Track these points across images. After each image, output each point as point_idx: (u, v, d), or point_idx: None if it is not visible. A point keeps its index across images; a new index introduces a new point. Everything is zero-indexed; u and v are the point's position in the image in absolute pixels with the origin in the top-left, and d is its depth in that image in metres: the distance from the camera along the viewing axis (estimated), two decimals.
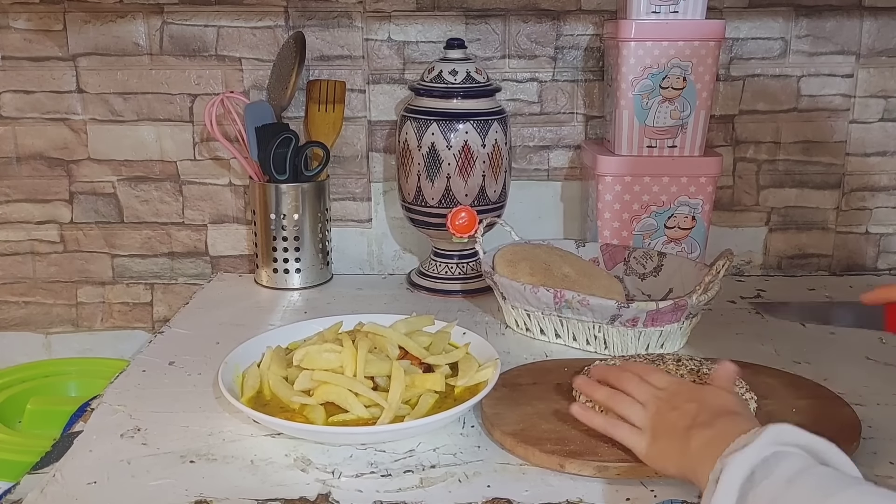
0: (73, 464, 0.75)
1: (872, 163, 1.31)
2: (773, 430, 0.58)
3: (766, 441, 0.57)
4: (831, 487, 0.52)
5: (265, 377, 0.86)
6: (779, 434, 0.58)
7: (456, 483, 0.72)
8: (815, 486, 0.53)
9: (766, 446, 0.57)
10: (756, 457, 0.56)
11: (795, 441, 0.58)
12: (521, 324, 1.06)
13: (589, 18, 1.26)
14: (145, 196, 1.32)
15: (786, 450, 0.57)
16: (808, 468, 0.55)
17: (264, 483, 0.72)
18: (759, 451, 0.57)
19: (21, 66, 1.27)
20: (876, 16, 1.25)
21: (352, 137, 1.30)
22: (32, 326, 1.37)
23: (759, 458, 0.56)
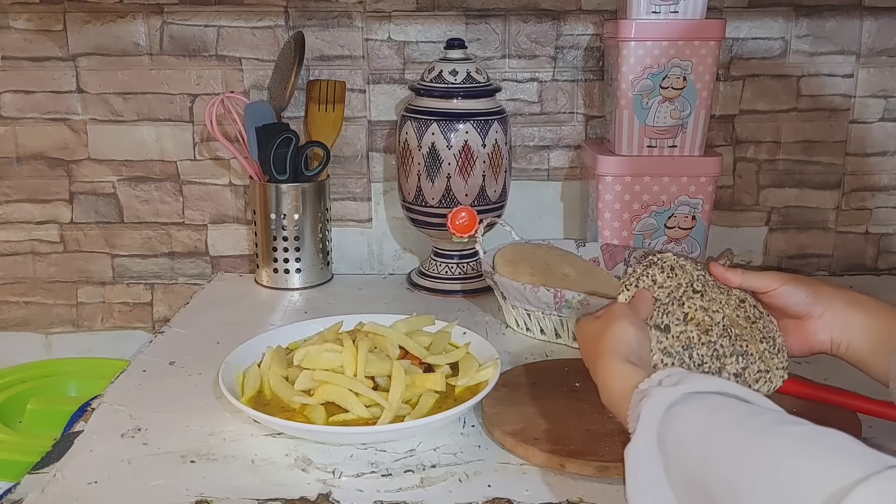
0: (73, 464, 0.75)
1: (872, 163, 1.31)
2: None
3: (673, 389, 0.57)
4: (754, 427, 0.51)
5: (266, 377, 0.86)
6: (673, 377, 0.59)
7: (456, 483, 0.73)
8: (739, 415, 0.53)
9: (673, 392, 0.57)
10: (669, 398, 0.56)
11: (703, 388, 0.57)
12: (521, 324, 1.06)
13: (589, 18, 1.26)
14: (145, 196, 1.32)
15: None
16: (727, 403, 0.55)
17: (265, 483, 0.72)
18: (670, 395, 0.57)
19: (21, 66, 1.27)
20: (876, 15, 1.25)
21: (352, 137, 1.30)
22: (33, 326, 1.37)
23: (672, 400, 0.56)
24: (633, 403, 0.59)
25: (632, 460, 0.55)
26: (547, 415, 0.81)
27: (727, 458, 0.49)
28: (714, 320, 0.73)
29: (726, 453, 0.50)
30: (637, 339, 0.68)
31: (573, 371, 0.91)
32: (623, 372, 0.63)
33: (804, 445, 0.47)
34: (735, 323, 0.73)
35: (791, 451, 0.46)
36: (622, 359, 0.65)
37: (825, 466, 0.44)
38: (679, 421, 0.54)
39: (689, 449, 0.52)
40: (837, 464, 0.43)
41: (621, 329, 0.68)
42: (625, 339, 0.67)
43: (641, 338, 0.68)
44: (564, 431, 0.78)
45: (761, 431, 0.49)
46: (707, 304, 0.73)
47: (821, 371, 0.92)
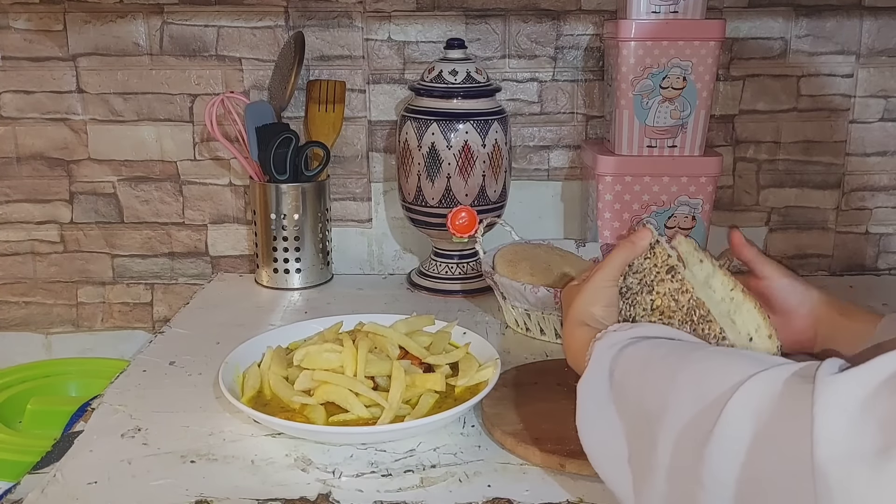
0: (73, 464, 0.75)
1: (872, 163, 1.31)
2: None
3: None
4: (684, 353, 0.59)
5: (266, 377, 0.86)
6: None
7: (456, 483, 0.73)
8: (679, 347, 0.61)
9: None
10: (622, 339, 0.64)
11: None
12: (521, 324, 1.06)
13: (589, 18, 1.26)
14: (145, 196, 1.32)
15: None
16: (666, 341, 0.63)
17: (265, 483, 0.72)
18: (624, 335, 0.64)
19: (21, 66, 1.27)
20: (876, 15, 1.25)
21: (352, 137, 1.30)
22: (33, 326, 1.37)
23: (626, 339, 0.64)
24: (589, 349, 0.66)
25: (583, 392, 0.63)
26: (547, 415, 0.81)
27: (660, 378, 0.57)
28: (679, 304, 0.71)
29: (659, 374, 0.58)
30: (602, 311, 0.71)
31: (573, 371, 0.91)
32: (579, 333, 0.69)
33: (717, 358, 0.56)
34: (700, 305, 0.71)
35: (707, 363, 0.56)
36: (581, 324, 0.70)
37: (730, 368, 0.53)
38: (626, 357, 0.62)
39: (632, 377, 0.60)
40: (741, 366, 0.53)
41: (588, 301, 0.72)
42: (588, 310, 0.71)
43: (608, 312, 0.72)
44: (564, 431, 0.77)
45: (688, 353, 0.58)
46: (679, 284, 0.72)
47: None
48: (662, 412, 0.55)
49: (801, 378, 0.49)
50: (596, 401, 0.62)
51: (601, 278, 0.72)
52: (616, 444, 0.60)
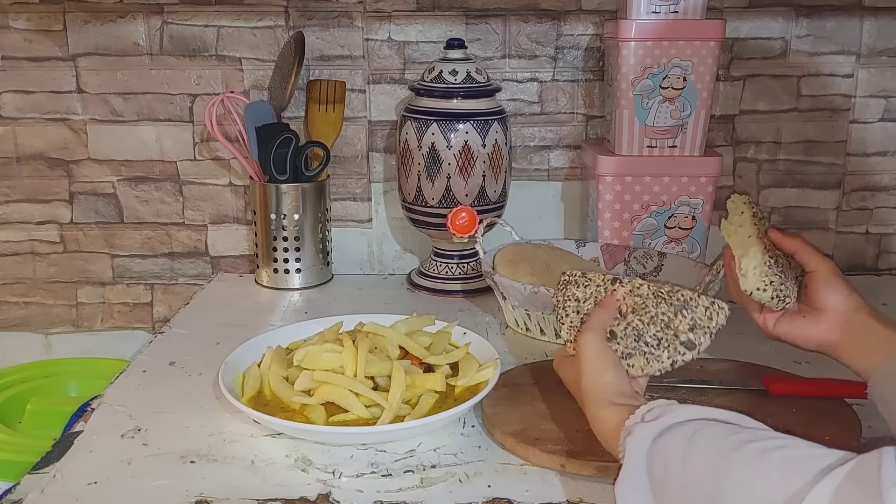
0: (73, 464, 0.75)
1: (873, 163, 1.31)
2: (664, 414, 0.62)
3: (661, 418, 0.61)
4: (730, 439, 0.55)
5: (266, 377, 0.86)
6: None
7: (456, 483, 0.72)
8: (715, 435, 0.57)
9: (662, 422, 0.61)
10: (656, 428, 0.60)
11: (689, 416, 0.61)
12: (521, 324, 1.06)
13: (589, 18, 1.26)
14: (145, 196, 1.32)
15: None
16: (706, 426, 0.59)
17: (265, 483, 0.72)
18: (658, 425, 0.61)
19: (21, 66, 1.27)
20: (876, 15, 1.25)
21: (352, 137, 1.30)
22: (33, 327, 1.37)
23: (660, 429, 0.60)
24: (621, 440, 0.62)
25: (621, 493, 0.60)
26: (547, 415, 0.81)
27: (704, 476, 0.54)
28: (644, 295, 0.74)
29: (703, 472, 0.55)
30: (613, 377, 0.70)
31: None
32: (607, 415, 0.67)
33: (761, 464, 0.52)
34: (660, 287, 0.74)
35: (750, 472, 0.52)
36: (605, 404, 0.68)
37: (779, 481, 0.50)
38: (663, 450, 0.59)
39: (673, 472, 0.57)
40: (788, 477, 0.50)
41: (595, 375, 0.71)
42: (602, 383, 0.70)
43: (617, 374, 0.71)
44: (564, 432, 0.78)
45: (731, 450, 0.54)
46: (629, 286, 0.75)
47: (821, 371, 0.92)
48: None
49: (856, 484, 0.46)
50: (636, 500, 0.60)
51: (593, 348, 0.72)
52: None
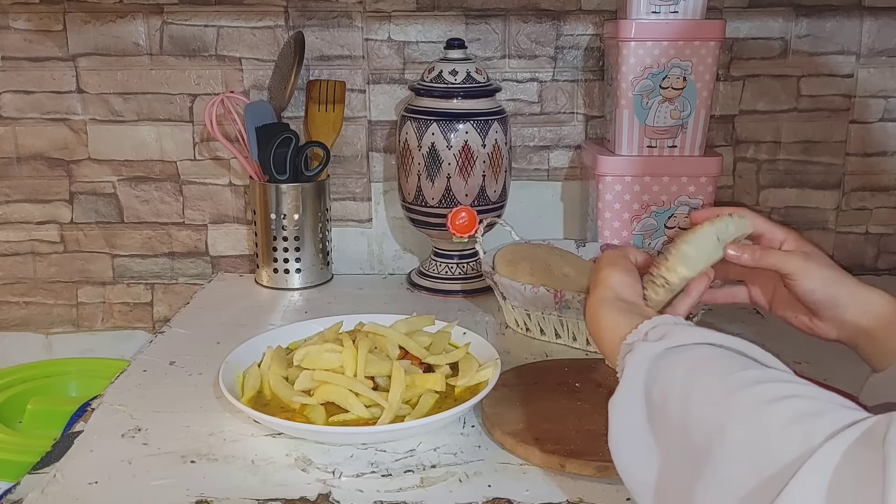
0: (73, 464, 0.75)
1: (873, 163, 1.31)
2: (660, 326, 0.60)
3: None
4: (737, 375, 0.52)
5: (266, 377, 0.86)
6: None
7: (456, 483, 0.73)
8: (721, 369, 0.54)
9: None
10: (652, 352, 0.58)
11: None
12: (521, 324, 1.06)
13: (589, 18, 1.26)
14: (145, 196, 1.32)
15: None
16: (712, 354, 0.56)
17: (265, 483, 0.72)
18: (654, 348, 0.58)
19: (21, 66, 1.27)
20: (876, 16, 1.25)
21: (352, 137, 1.30)
22: (33, 327, 1.37)
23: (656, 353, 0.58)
24: (620, 356, 0.61)
25: (615, 411, 0.58)
26: (547, 415, 0.81)
27: (704, 416, 0.51)
28: None
29: (704, 411, 0.52)
30: (620, 281, 0.69)
31: (573, 371, 0.91)
32: (609, 322, 0.65)
33: (769, 409, 0.49)
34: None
35: (756, 415, 0.49)
36: (609, 307, 0.66)
37: (788, 435, 0.46)
38: (664, 375, 0.56)
39: (672, 403, 0.54)
40: (798, 430, 0.46)
41: (605, 276, 0.70)
42: (609, 286, 0.68)
43: (628, 278, 0.69)
44: (564, 431, 0.78)
45: (737, 389, 0.51)
46: None
47: (821, 371, 0.92)
48: (705, 460, 0.50)
49: (865, 447, 0.43)
50: (628, 422, 0.58)
51: (609, 256, 0.72)
52: (648, 471, 0.57)
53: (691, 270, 0.71)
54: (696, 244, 0.71)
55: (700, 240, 0.72)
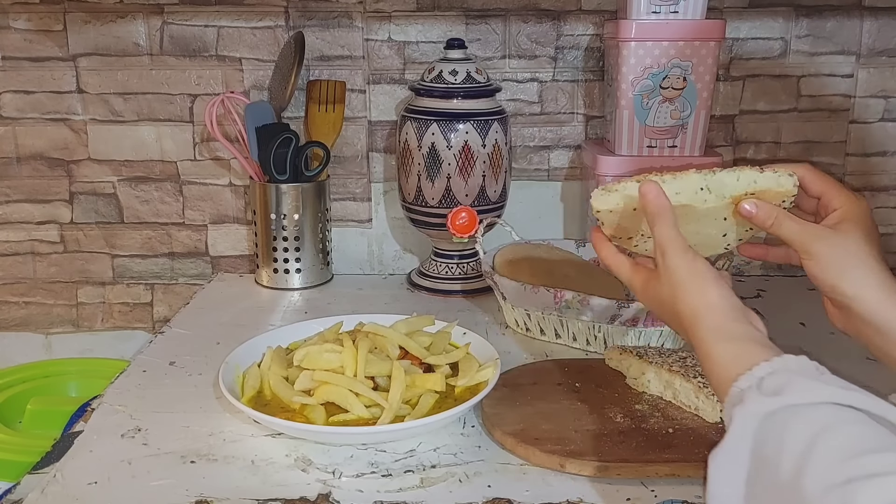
0: (73, 464, 0.75)
1: (873, 163, 1.31)
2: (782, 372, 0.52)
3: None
4: (863, 458, 0.44)
5: (266, 377, 0.86)
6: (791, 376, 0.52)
7: (456, 483, 0.72)
8: (848, 441, 0.45)
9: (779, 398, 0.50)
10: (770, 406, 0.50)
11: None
12: (521, 324, 1.06)
13: (589, 18, 1.26)
14: (145, 196, 1.32)
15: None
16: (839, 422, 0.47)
17: (265, 483, 0.72)
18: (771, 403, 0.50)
19: (21, 66, 1.27)
20: (876, 16, 1.25)
21: (352, 137, 1.30)
22: (33, 327, 1.37)
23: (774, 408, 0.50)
24: (729, 402, 0.54)
25: (716, 465, 0.51)
26: (547, 415, 0.81)
27: (819, 492, 0.44)
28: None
29: (819, 486, 0.44)
30: (719, 296, 0.61)
31: (573, 371, 0.91)
32: (718, 355, 0.57)
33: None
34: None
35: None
36: (716, 336, 0.58)
37: None
38: (776, 438, 0.49)
39: (785, 465, 0.47)
40: None
41: (697, 294, 0.61)
42: (707, 306, 0.60)
43: (723, 292, 0.61)
44: (564, 432, 0.78)
45: (858, 478, 0.43)
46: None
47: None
48: None
49: None
50: (729, 479, 0.51)
51: (685, 264, 0.63)
52: None
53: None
54: (669, 186, 0.66)
55: (674, 184, 0.67)
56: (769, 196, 0.68)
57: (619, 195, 0.68)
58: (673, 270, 0.64)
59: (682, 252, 0.64)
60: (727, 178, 0.67)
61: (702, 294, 0.62)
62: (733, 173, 0.67)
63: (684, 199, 0.67)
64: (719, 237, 0.72)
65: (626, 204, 0.69)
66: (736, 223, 0.71)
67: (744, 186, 0.68)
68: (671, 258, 0.64)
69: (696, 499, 0.70)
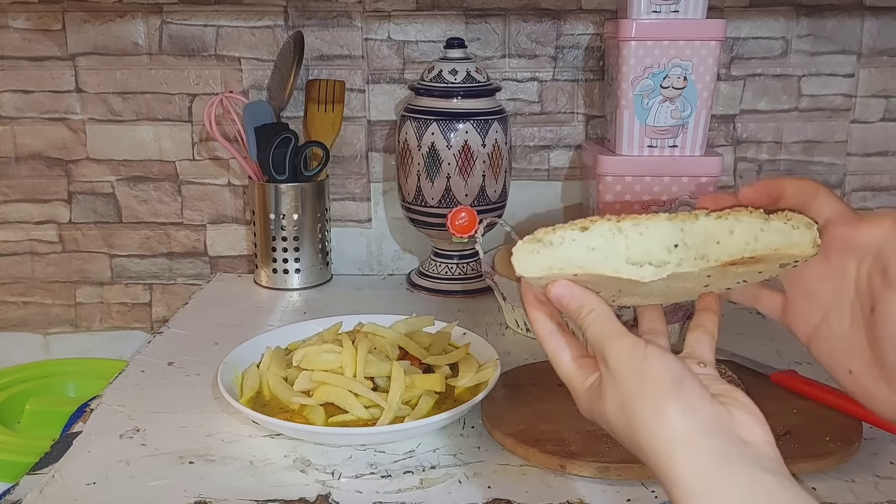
0: (72, 464, 0.75)
1: (874, 163, 1.30)
2: None
3: None
4: None
5: (264, 378, 0.86)
6: None
7: (456, 484, 0.72)
8: None
9: None
10: None
11: None
12: (521, 324, 1.06)
13: (589, 18, 1.25)
14: (144, 196, 1.32)
15: None
16: None
17: (263, 484, 0.72)
18: None
19: (20, 65, 1.27)
20: (877, 15, 1.25)
21: (351, 137, 1.30)
22: (31, 327, 1.36)
23: None
24: None
25: None
26: (547, 416, 0.81)
27: None
28: None
29: None
30: (685, 417, 0.46)
31: None
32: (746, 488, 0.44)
33: None
34: None
35: None
36: (691, 487, 0.44)
37: None
38: None
39: None
40: None
41: (656, 424, 0.46)
42: (672, 443, 0.45)
43: (688, 407, 0.46)
44: (565, 432, 0.77)
45: None
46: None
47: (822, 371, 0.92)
48: None
49: None
50: None
51: (626, 359, 0.49)
52: None
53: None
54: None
55: (633, 239, 0.48)
56: (771, 258, 0.47)
57: (552, 253, 0.50)
58: (617, 384, 0.49)
59: (626, 354, 0.49)
60: (714, 229, 0.47)
61: (659, 420, 0.46)
62: (724, 221, 0.47)
63: (643, 275, 0.47)
64: (699, 288, 0.53)
65: (565, 268, 0.50)
66: (734, 273, 0.49)
67: (741, 244, 0.47)
68: (613, 363, 0.49)
69: None
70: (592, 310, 0.51)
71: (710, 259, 0.47)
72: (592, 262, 0.47)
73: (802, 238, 0.48)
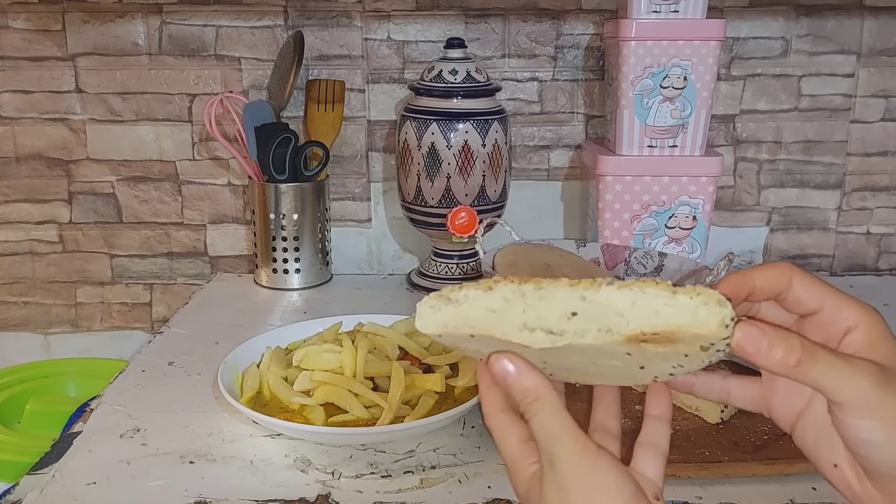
0: (72, 464, 0.75)
1: (873, 162, 1.30)
2: None
3: None
4: None
5: (265, 377, 0.86)
6: None
7: (456, 484, 0.72)
8: None
9: None
10: None
11: None
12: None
13: (589, 18, 1.25)
14: (144, 196, 1.32)
15: None
16: None
17: (264, 484, 0.72)
18: None
19: (20, 65, 1.27)
20: (877, 15, 1.25)
21: (351, 137, 1.30)
22: (31, 327, 1.36)
23: None
24: None
25: None
26: None
27: None
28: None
29: None
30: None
31: None
32: None
33: None
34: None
35: None
36: None
37: None
38: None
39: None
40: None
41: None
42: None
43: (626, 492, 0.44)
44: None
45: None
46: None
47: None
48: None
49: None
50: None
51: (572, 462, 0.44)
52: None
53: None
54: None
55: (533, 303, 0.43)
56: (681, 338, 0.41)
57: (451, 311, 0.45)
58: (562, 489, 0.44)
59: (575, 459, 0.44)
60: (617, 300, 0.42)
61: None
62: (628, 292, 0.42)
63: (532, 340, 0.43)
64: (634, 369, 0.46)
65: (459, 328, 0.45)
66: (654, 352, 0.43)
67: (641, 318, 0.41)
68: (559, 466, 0.44)
69: (696, 499, 0.69)
70: (539, 397, 0.45)
71: (614, 332, 0.42)
72: (486, 323, 0.44)
73: (710, 316, 0.41)
